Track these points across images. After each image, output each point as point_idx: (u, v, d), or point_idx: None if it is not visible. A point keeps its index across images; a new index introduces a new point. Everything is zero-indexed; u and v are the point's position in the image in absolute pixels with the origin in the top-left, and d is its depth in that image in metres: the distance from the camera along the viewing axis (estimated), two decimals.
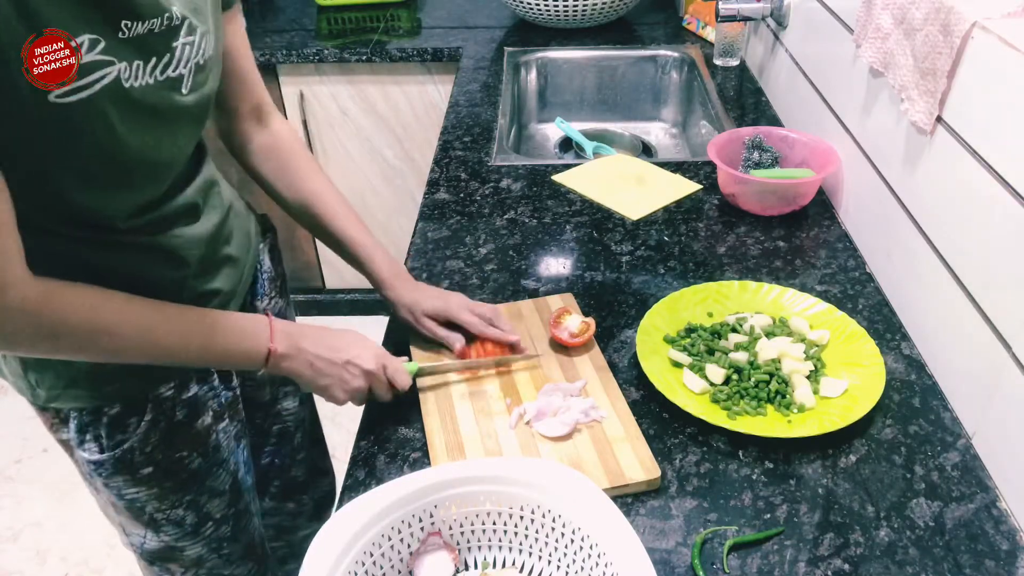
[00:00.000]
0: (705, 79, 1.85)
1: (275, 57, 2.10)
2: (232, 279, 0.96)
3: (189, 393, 0.92)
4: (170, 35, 0.73)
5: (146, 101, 0.72)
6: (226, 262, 0.94)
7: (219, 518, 1.01)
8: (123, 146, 0.72)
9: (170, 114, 0.76)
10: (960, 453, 0.89)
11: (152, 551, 1.00)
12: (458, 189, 1.43)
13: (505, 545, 0.78)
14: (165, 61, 0.73)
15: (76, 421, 0.87)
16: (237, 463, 1.02)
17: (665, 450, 0.90)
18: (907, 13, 1.02)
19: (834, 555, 0.78)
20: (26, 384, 0.87)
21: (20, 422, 2.30)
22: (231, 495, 1.02)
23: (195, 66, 0.78)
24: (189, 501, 0.96)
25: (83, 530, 2.01)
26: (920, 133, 1.02)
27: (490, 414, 0.93)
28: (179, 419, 0.92)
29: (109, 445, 0.88)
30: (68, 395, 0.86)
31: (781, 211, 1.31)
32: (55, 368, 0.84)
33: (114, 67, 0.68)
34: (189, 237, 0.86)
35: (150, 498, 0.93)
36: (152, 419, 0.89)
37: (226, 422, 0.99)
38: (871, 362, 0.96)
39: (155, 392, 0.89)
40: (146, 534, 0.98)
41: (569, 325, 1.03)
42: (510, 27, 2.22)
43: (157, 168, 0.79)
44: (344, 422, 2.26)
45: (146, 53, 0.71)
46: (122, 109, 0.70)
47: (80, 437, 0.88)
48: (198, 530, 0.99)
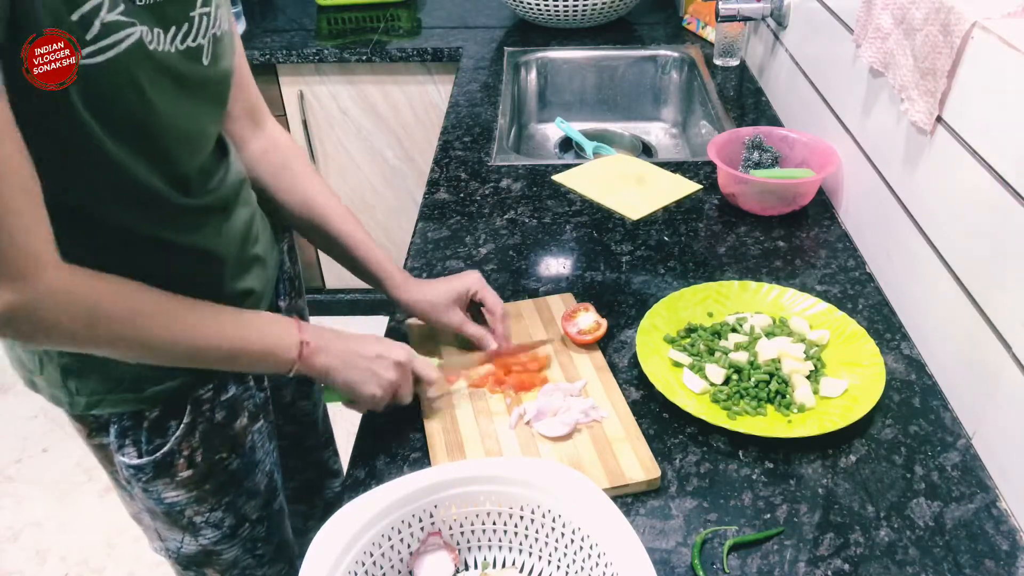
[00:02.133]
0: (705, 79, 1.85)
1: (275, 57, 2.10)
2: (262, 279, 0.95)
3: (228, 395, 0.92)
4: (188, 4, 0.74)
5: (171, 67, 0.73)
6: (256, 261, 0.94)
7: (255, 519, 1.01)
8: (153, 112, 0.72)
9: (194, 84, 0.77)
10: (960, 453, 0.89)
11: (189, 555, 0.99)
12: (458, 189, 1.43)
13: (505, 545, 0.78)
14: (184, 30, 0.74)
15: (116, 426, 0.87)
16: (271, 463, 1.03)
17: (665, 450, 0.90)
18: (907, 13, 1.02)
19: (834, 555, 0.78)
20: (64, 392, 0.85)
21: (20, 422, 2.30)
22: (266, 495, 1.02)
23: (213, 37, 0.78)
24: (228, 503, 0.96)
25: (83, 530, 2.01)
26: (920, 133, 1.02)
27: (490, 414, 0.93)
28: (218, 421, 0.91)
29: (149, 449, 0.88)
30: (110, 400, 0.85)
31: (781, 211, 1.31)
32: (97, 372, 0.83)
33: (136, 28, 0.68)
34: (224, 235, 0.86)
35: (190, 501, 0.93)
36: (191, 421, 0.89)
37: (260, 423, 0.99)
38: (871, 362, 0.96)
39: (195, 394, 0.89)
40: (184, 538, 0.97)
41: (580, 322, 1.03)
42: (510, 27, 2.22)
43: (188, 139, 0.78)
44: (344, 422, 2.26)
45: (165, 21, 0.71)
46: (149, 73, 0.70)
47: (120, 442, 0.88)
48: (236, 532, 0.99)
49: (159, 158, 0.76)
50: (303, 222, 1.02)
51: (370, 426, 0.94)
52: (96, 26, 0.65)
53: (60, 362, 0.83)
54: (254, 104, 1.00)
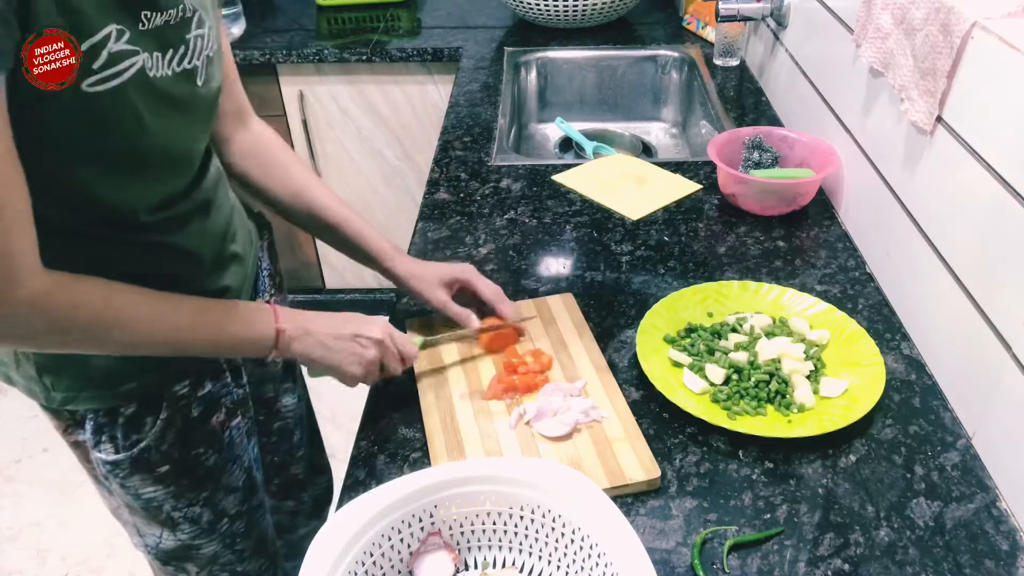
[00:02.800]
0: (705, 79, 1.85)
1: (275, 57, 2.10)
2: (239, 276, 0.96)
3: (204, 390, 0.93)
4: (183, 27, 0.75)
5: (168, 92, 0.74)
6: (233, 259, 0.95)
7: (234, 514, 1.02)
8: (148, 136, 0.73)
9: (189, 105, 0.78)
10: (960, 453, 0.89)
11: (168, 551, 1.00)
12: (458, 189, 1.43)
13: (505, 545, 0.78)
14: (181, 53, 0.75)
15: (92, 422, 0.87)
16: (250, 459, 1.03)
17: (665, 450, 0.90)
18: (907, 13, 1.02)
19: (834, 555, 0.78)
20: (40, 387, 0.86)
21: (20, 422, 2.30)
22: (245, 491, 1.03)
23: (206, 58, 0.80)
24: (206, 498, 0.97)
25: (83, 530, 2.01)
26: (920, 133, 1.02)
27: (490, 414, 0.93)
28: (194, 416, 0.92)
29: (125, 445, 0.89)
30: (84, 396, 0.86)
31: (781, 211, 1.31)
32: (71, 369, 0.84)
33: (139, 57, 0.69)
34: (203, 234, 0.87)
35: (167, 496, 0.94)
36: (168, 417, 0.89)
37: (239, 419, 1.00)
38: (871, 362, 0.96)
39: (171, 390, 0.89)
40: (162, 534, 0.98)
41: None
42: (510, 27, 2.22)
43: (176, 159, 0.80)
44: (344, 422, 2.26)
45: (164, 45, 0.73)
46: (148, 99, 0.72)
47: (96, 438, 0.88)
48: (214, 527, 1.00)
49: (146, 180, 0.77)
50: (297, 213, 1.03)
51: (370, 427, 0.94)
52: (103, 56, 0.66)
53: (35, 358, 0.84)
54: (240, 102, 1.01)
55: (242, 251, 0.98)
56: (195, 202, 0.85)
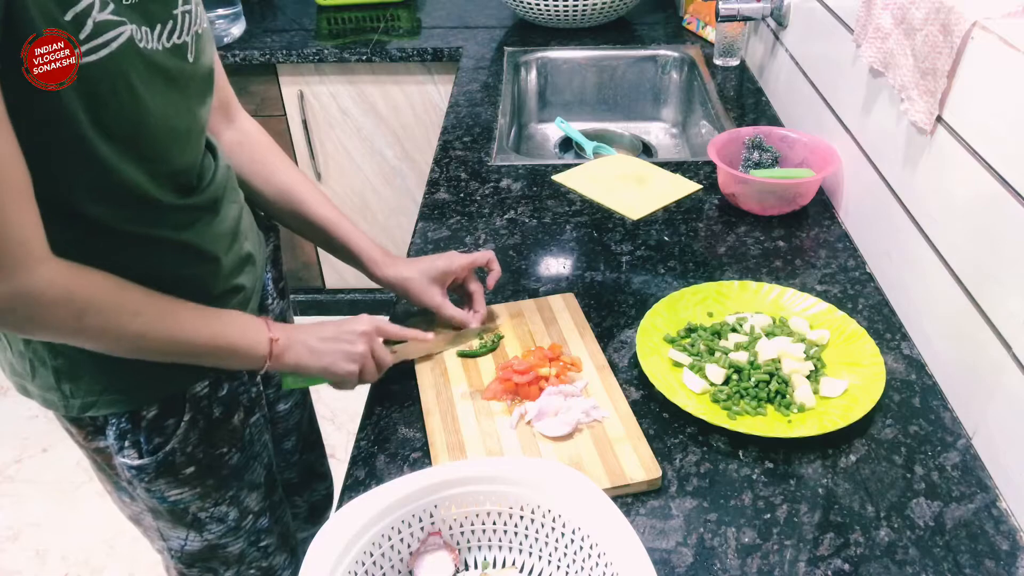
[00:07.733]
0: (705, 79, 1.85)
1: (275, 57, 2.10)
2: (252, 276, 0.96)
3: (224, 391, 0.93)
4: (169, 2, 0.75)
5: (159, 65, 0.74)
6: (247, 259, 0.95)
7: (257, 510, 1.03)
8: (146, 111, 0.73)
9: (182, 80, 0.78)
10: (960, 453, 0.89)
11: (193, 552, 1.00)
12: (458, 189, 1.43)
13: (505, 545, 0.78)
14: (169, 28, 0.75)
15: (115, 428, 0.87)
16: (268, 455, 1.04)
17: (665, 450, 0.90)
18: (907, 13, 1.02)
19: (834, 555, 0.78)
20: (58, 395, 0.85)
21: (20, 422, 2.30)
22: (266, 487, 1.03)
23: (195, 35, 0.80)
24: (231, 497, 0.98)
25: (83, 530, 2.01)
26: (920, 133, 1.02)
27: (491, 414, 0.93)
28: (216, 416, 0.93)
29: (149, 449, 0.88)
30: (104, 401, 0.85)
31: (781, 211, 1.31)
32: (90, 374, 0.83)
33: (126, 27, 0.69)
34: (214, 232, 0.87)
35: (193, 498, 0.94)
36: (191, 418, 0.90)
37: (256, 415, 1.00)
38: (871, 362, 0.96)
39: (192, 391, 0.89)
40: (188, 535, 0.98)
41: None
42: (510, 27, 2.22)
43: (179, 136, 0.80)
44: (344, 422, 2.26)
45: (151, 19, 0.73)
46: (140, 71, 0.71)
47: (119, 443, 0.88)
48: (240, 524, 1.00)
49: (152, 157, 0.77)
50: (281, 210, 1.04)
51: (370, 426, 0.94)
52: (89, 25, 0.66)
53: (52, 365, 0.83)
54: (227, 98, 1.01)
55: (254, 251, 0.98)
56: (205, 197, 0.85)
